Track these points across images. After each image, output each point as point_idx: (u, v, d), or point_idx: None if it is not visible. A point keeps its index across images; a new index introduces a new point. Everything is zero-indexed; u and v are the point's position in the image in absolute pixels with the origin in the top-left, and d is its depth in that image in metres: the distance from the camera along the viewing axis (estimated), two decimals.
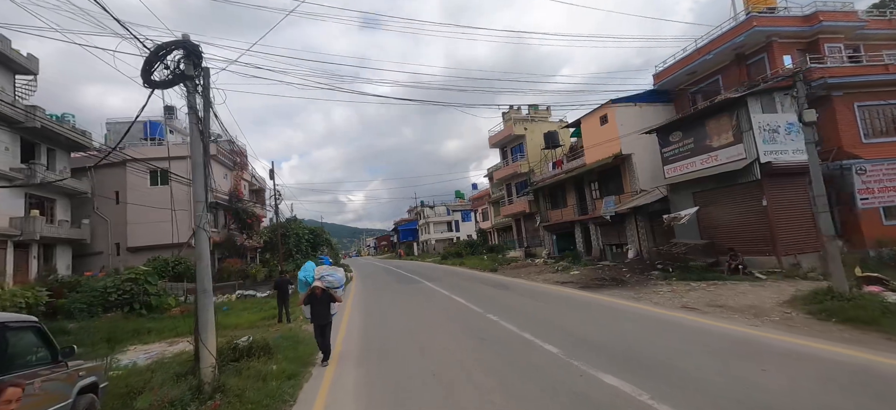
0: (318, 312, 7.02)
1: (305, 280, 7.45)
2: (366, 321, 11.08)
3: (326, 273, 7.35)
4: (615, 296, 11.19)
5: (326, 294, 7.03)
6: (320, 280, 7.09)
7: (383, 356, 7.25)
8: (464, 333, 8.43)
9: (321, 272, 7.32)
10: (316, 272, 7.38)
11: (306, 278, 7.42)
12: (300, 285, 7.68)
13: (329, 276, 7.29)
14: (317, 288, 6.97)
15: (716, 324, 7.45)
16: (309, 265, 7.76)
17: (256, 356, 7.88)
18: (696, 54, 16.82)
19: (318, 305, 6.99)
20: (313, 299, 7.00)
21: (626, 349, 6.26)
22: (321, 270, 7.47)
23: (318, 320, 7.05)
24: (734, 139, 12.49)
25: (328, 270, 7.47)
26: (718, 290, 10.45)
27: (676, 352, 5.95)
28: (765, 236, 12.05)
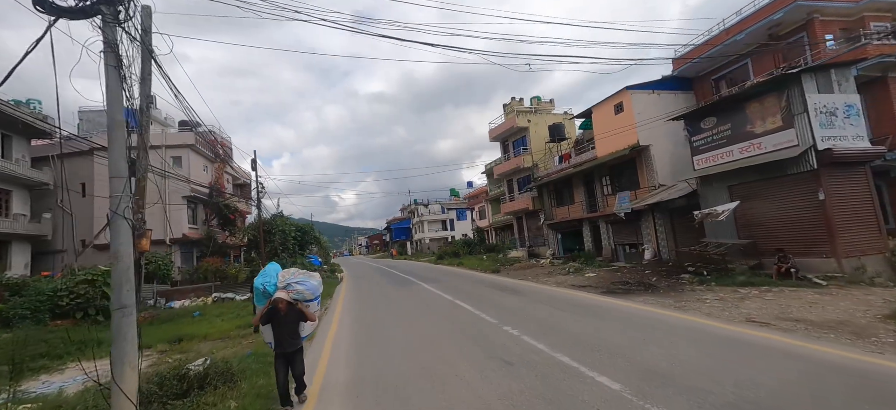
0: (282, 335, 4.96)
1: (263, 290, 5.14)
2: (357, 337, 9.22)
3: (294, 280, 5.10)
4: (651, 305, 9.51)
5: (294, 310, 5.00)
6: (285, 290, 5.01)
7: (383, 393, 5.42)
8: (483, 353, 6.65)
9: (286, 279, 5.12)
10: (280, 279, 5.17)
11: (265, 286, 5.16)
12: (257, 296, 5.30)
13: (298, 283, 5.08)
14: (280, 302, 4.91)
15: (810, 347, 5.77)
16: (270, 269, 5.43)
17: (213, 387, 6.01)
18: (722, 35, 15.26)
19: (283, 325, 4.95)
20: (275, 317, 4.96)
21: (715, 386, 4.53)
22: (287, 275, 5.21)
23: (283, 347, 4.95)
24: (784, 123, 10.89)
25: (297, 275, 5.23)
26: (778, 299, 8.82)
27: (789, 394, 4.24)
28: (820, 236, 10.46)
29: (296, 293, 5.00)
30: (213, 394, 5.82)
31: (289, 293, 4.95)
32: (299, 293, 5.03)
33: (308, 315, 5.11)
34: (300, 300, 5.05)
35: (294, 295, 4.98)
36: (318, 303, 5.44)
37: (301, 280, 5.11)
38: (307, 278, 5.19)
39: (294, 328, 5.01)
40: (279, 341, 4.95)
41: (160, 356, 9.34)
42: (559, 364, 5.84)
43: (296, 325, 5.03)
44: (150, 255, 19.19)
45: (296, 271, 5.34)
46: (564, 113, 29.05)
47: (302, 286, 5.08)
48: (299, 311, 5.02)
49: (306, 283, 5.13)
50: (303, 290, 5.06)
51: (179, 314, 14.53)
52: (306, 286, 5.12)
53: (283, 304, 4.89)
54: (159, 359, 8.95)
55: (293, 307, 4.99)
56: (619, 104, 18.39)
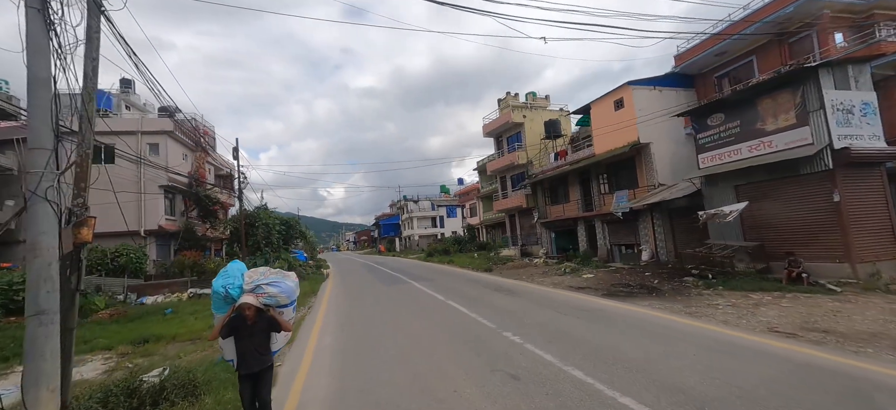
0: (247, 351, 3.85)
1: (224, 294, 4.00)
2: (343, 341, 8.40)
3: (265, 281, 4.02)
4: (659, 310, 8.88)
5: (264, 319, 3.94)
6: (252, 293, 3.91)
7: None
8: (483, 364, 5.89)
9: (255, 280, 4.02)
10: (246, 280, 4.05)
11: (226, 288, 4.01)
12: (216, 302, 4.13)
13: (270, 285, 4.00)
14: (246, 308, 3.82)
15: (849, 363, 5.17)
16: (233, 268, 4.24)
17: (169, 404, 5.13)
18: (729, 30, 14.74)
19: (250, 338, 3.86)
20: (240, 328, 3.86)
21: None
22: (255, 276, 4.10)
23: (248, 366, 3.86)
24: (798, 121, 10.36)
25: (268, 275, 4.14)
26: (796, 306, 8.26)
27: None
28: (833, 239, 9.98)
29: (267, 297, 3.96)
30: None
31: (258, 298, 3.91)
32: (271, 297, 3.98)
33: (282, 325, 4.02)
34: (272, 306, 4.01)
35: (265, 300, 3.94)
36: (295, 309, 4.45)
37: (274, 281, 4.05)
38: (281, 278, 4.15)
39: (263, 341, 3.95)
40: (244, 358, 3.87)
41: (120, 359, 8.38)
42: (573, 380, 5.12)
43: (266, 337, 3.98)
44: (123, 247, 17.99)
45: (266, 270, 4.25)
46: (560, 109, 28.47)
47: (275, 288, 4.01)
48: (271, 319, 3.96)
49: (280, 284, 4.07)
50: (276, 293, 4.00)
51: (150, 310, 13.45)
52: (280, 288, 4.05)
53: (251, 311, 3.84)
54: (118, 364, 8.00)
55: (263, 314, 3.94)
56: (620, 100, 17.81)
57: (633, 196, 17.66)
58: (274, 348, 4.15)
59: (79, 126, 5.56)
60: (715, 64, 16.30)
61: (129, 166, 20.49)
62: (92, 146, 5.73)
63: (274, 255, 21.85)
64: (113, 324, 11.57)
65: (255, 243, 21.61)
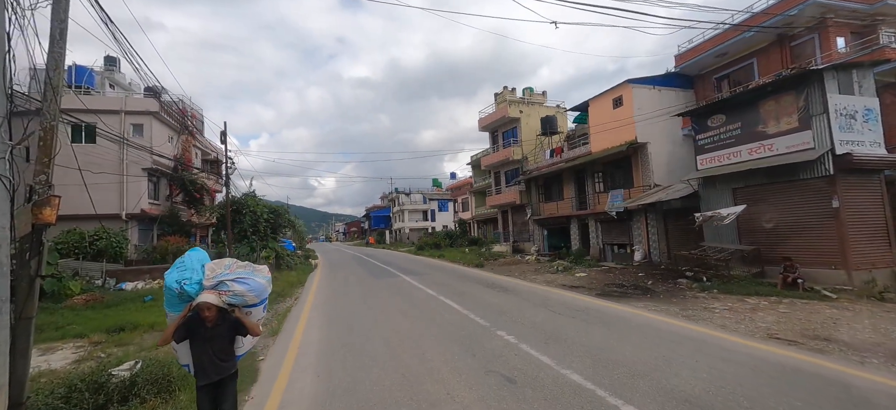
0: (206, 358, 3.24)
1: (179, 290, 3.26)
2: (332, 335, 8.07)
3: (230, 276, 3.33)
4: (655, 312, 8.71)
5: (228, 321, 3.29)
6: (213, 291, 3.23)
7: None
8: (477, 366, 5.61)
9: (218, 274, 3.33)
10: (208, 273, 3.36)
11: (182, 284, 3.27)
12: (169, 299, 3.39)
13: (236, 281, 3.31)
14: (206, 308, 3.15)
15: (857, 374, 5.01)
16: (192, 259, 3.50)
17: (140, 400, 4.75)
18: (731, 32, 14.59)
19: (209, 343, 3.23)
20: (198, 331, 3.22)
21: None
22: (218, 269, 3.40)
23: (207, 375, 3.25)
24: (800, 124, 10.24)
25: (235, 269, 3.44)
26: (794, 312, 8.15)
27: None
28: (830, 245, 9.91)
29: (232, 296, 3.26)
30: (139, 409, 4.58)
31: (221, 296, 3.23)
32: (238, 295, 3.28)
33: (249, 328, 3.33)
34: (238, 306, 3.33)
35: (229, 299, 3.26)
36: (265, 308, 3.73)
37: (241, 277, 3.35)
38: (250, 273, 3.45)
39: (225, 346, 3.31)
40: (202, 366, 3.24)
41: (93, 348, 7.92)
42: (572, 385, 4.86)
43: (229, 342, 3.34)
44: (102, 230, 17.31)
45: (232, 262, 3.52)
46: (557, 106, 28.23)
47: (242, 284, 3.30)
48: (236, 322, 3.29)
49: (248, 281, 3.35)
50: (243, 291, 3.29)
51: (129, 297, 12.92)
52: (248, 285, 3.33)
53: (212, 312, 3.16)
54: (90, 353, 7.54)
55: (227, 315, 3.27)
56: (619, 98, 17.61)
57: (629, 196, 17.53)
58: (240, 352, 3.54)
59: (43, 94, 5.08)
60: (715, 65, 16.17)
61: (110, 147, 19.71)
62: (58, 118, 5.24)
63: (261, 243, 21.29)
64: (88, 310, 11.04)
65: (242, 231, 21.01)
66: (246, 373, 5.81)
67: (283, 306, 11.76)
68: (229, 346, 3.37)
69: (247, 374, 5.80)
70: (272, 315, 10.41)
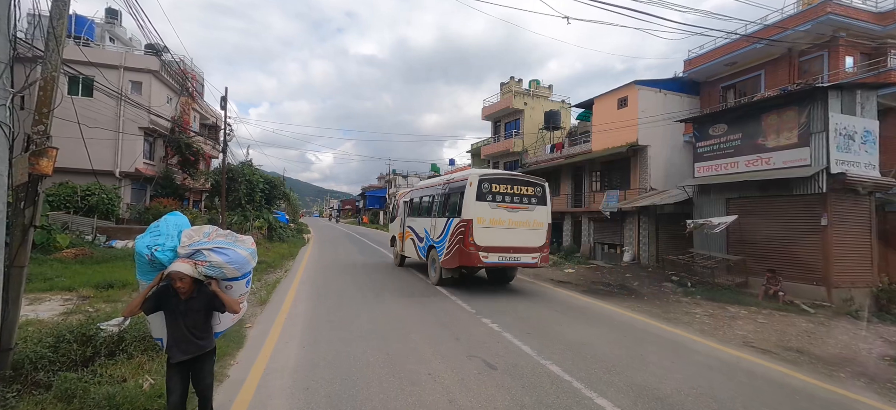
0: (179, 333, 2.95)
1: (150, 256, 2.96)
2: (319, 310, 8.20)
3: (208, 245, 3.03)
4: (638, 312, 8.90)
5: (205, 295, 3.00)
6: (189, 260, 2.93)
7: (341, 390, 4.41)
8: (460, 349, 5.74)
9: (196, 242, 3.04)
10: (184, 241, 3.07)
11: (153, 250, 2.98)
12: (140, 265, 3.09)
13: (215, 251, 3.01)
14: (178, 278, 2.83)
15: (822, 386, 5.19)
16: (168, 224, 3.20)
17: (127, 356, 4.83)
18: (743, 42, 14.53)
19: (183, 317, 2.94)
20: (170, 303, 2.92)
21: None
22: (196, 236, 3.11)
23: (180, 351, 2.96)
24: (799, 141, 10.31)
25: (215, 237, 3.16)
26: (772, 323, 8.36)
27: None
28: (815, 261, 10.11)
29: (209, 267, 2.95)
30: (125, 365, 4.66)
31: (197, 266, 2.91)
32: (215, 267, 2.96)
33: (227, 304, 3.02)
34: (216, 278, 3.03)
35: (205, 270, 2.95)
36: (249, 283, 3.37)
37: (220, 247, 3.02)
38: (232, 244, 3.12)
39: (201, 321, 3.02)
40: (175, 341, 2.94)
41: (81, 302, 7.99)
42: (550, 375, 5.00)
43: (205, 317, 3.05)
44: (95, 185, 17.22)
45: (213, 230, 3.24)
46: (562, 101, 28.10)
47: (220, 255, 2.98)
48: (213, 296, 2.99)
49: (227, 252, 3.02)
50: (221, 263, 2.96)
51: (119, 254, 12.94)
52: (227, 256, 3.00)
53: (185, 284, 2.84)
54: (78, 307, 7.61)
55: (204, 288, 2.99)
56: (624, 98, 17.57)
57: (624, 197, 17.65)
58: (218, 329, 3.28)
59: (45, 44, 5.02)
60: (723, 74, 16.14)
61: (107, 102, 19.43)
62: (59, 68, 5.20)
63: (255, 213, 21.30)
64: (77, 264, 11.08)
65: (237, 199, 21.00)
66: (233, 339, 5.92)
67: (273, 277, 11.85)
68: (206, 322, 3.08)
69: (234, 340, 5.90)
70: (261, 286, 10.51)
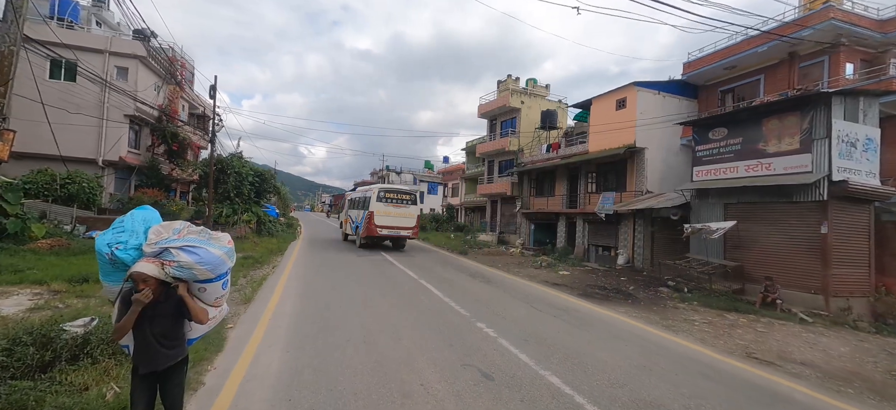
0: (145, 340, 2.62)
1: (110, 254, 2.65)
2: (306, 310, 7.83)
3: (177, 243, 2.64)
4: (636, 319, 8.67)
5: (173, 299, 2.67)
6: (155, 259, 2.58)
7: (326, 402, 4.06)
8: (455, 357, 5.42)
9: (163, 239, 2.67)
10: (152, 238, 2.69)
11: (113, 247, 2.66)
12: (102, 266, 2.78)
13: (185, 250, 2.63)
14: (140, 279, 2.48)
15: (834, 404, 4.97)
16: (134, 219, 2.87)
17: (91, 360, 4.42)
18: (744, 45, 14.40)
19: (147, 323, 2.59)
20: (132, 301, 2.49)
21: None
22: (165, 233, 2.72)
23: (148, 361, 2.65)
24: (801, 147, 10.17)
25: (186, 234, 2.78)
26: (772, 332, 8.18)
27: None
28: (813, 269, 9.99)
29: (178, 268, 2.59)
30: (88, 371, 4.24)
31: (165, 266, 2.58)
32: (184, 268, 2.61)
33: (192, 312, 2.64)
34: (186, 280, 2.67)
35: (174, 271, 2.59)
36: (226, 286, 3.00)
37: (191, 245, 2.67)
38: (205, 242, 2.76)
39: (171, 328, 2.69)
40: (142, 349, 2.63)
41: (51, 297, 7.51)
42: (550, 387, 4.71)
43: (175, 323, 2.71)
44: (75, 173, 16.56)
45: (185, 226, 2.86)
46: (559, 101, 27.90)
47: (190, 255, 2.62)
48: (180, 301, 2.64)
49: (198, 251, 2.66)
50: (191, 263, 2.61)
51: None
52: (198, 256, 2.64)
53: (151, 286, 2.50)
54: (47, 302, 7.13)
55: (171, 292, 2.65)
56: (623, 100, 17.38)
57: (620, 199, 17.48)
58: (192, 335, 2.92)
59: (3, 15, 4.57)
60: (722, 77, 16.01)
61: (91, 88, 18.74)
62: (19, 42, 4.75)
63: (243, 207, 20.73)
64: (52, 256, 10.53)
65: (225, 191, 20.40)
66: (212, 341, 5.53)
67: (260, 273, 11.42)
68: (176, 328, 2.73)
69: (213, 342, 5.51)
70: (247, 282, 10.08)
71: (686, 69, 16.55)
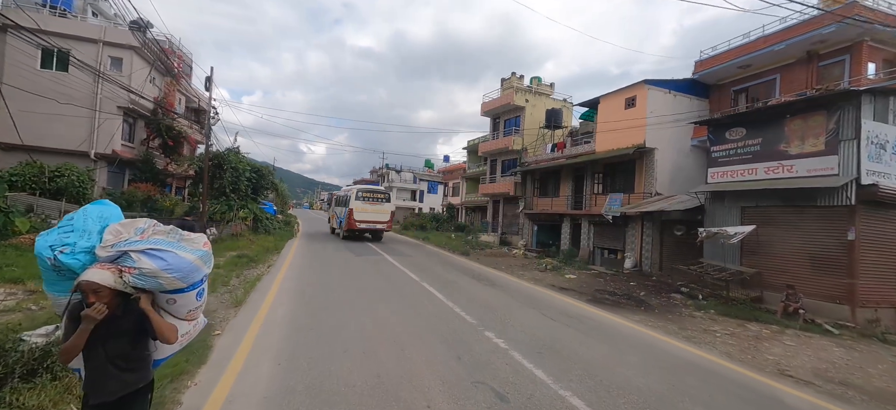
0: (99, 364, 2.09)
1: (53, 259, 2.10)
2: (301, 315, 7.28)
3: (139, 244, 2.13)
4: (653, 328, 8.14)
5: (132, 313, 2.12)
6: (111, 265, 2.08)
7: None
8: (464, 372, 4.88)
9: (122, 240, 2.14)
10: (107, 237, 2.12)
11: (56, 249, 2.11)
12: (46, 275, 2.21)
13: (147, 253, 2.11)
14: (90, 289, 1.98)
15: None
16: (85, 216, 2.28)
17: (51, 376, 3.86)
18: (760, 43, 13.85)
19: (101, 342, 2.06)
20: (81, 317, 1.96)
21: None
22: (125, 232, 2.19)
23: (101, 389, 2.11)
24: (826, 148, 9.64)
25: (149, 235, 2.24)
26: (803, 346, 7.64)
27: None
28: (838, 278, 9.45)
29: (140, 275, 2.11)
30: (47, 388, 3.69)
31: (123, 273, 2.09)
32: (147, 275, 2.11)
33: (157, 328, 2.13)
34: (149, 290, 2.17)
35: (135, 279, 2.10)
36: (202, 296, 2.46)
37: (156, 248, 2.17)
38: (172, 244, 2.26)
39: (129, 350, 2.18)
40: (94, 374, 2.13)
41: (26, 297, 7.00)
42: (567, 406, 4.17)
43: (136, 342, 2.21)
44: (63, 166, 15.97)
45: (150, 225, 2.37)
46: (564, 100, 27.35)
47: (155, 260, 2.13)
48: (143, 315, 2.12)
49: (165, 255, 2.16)
50: (156, 269, 2.12)
51: None
52: (164, 261, 2.14)
53: (105, 298, 2.01)
54: (19, 303, 6.63)
55: (131, 305, 2.14)
56: (632, 98, 16.83)
57: (628, 201, 16.95)
58: (159, 356, 2.43)
59: None
60: (736, 77, 15.47)
61: (84, 78, 18.17)
62: None
63: (240, 203, 20.15)
64: (30, 252, 9.96)
65: (221, 187, 19.82)
66: (195, 351, 4.98)
67: (254, 273, 10.87)
68: (136, 349, 2.22)
69: (196, 352, 4.97)
70: (240, 283, 9.54)
71: (697, 68, 16.01)
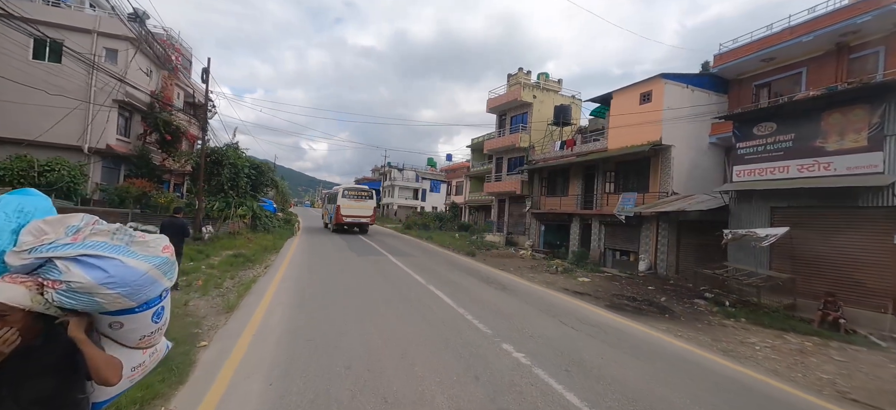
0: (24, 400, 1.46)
1: None
2: (298, 323, 6.58)
3: (68, 248, 1.54)
4: (683, 339, 7.43)
5: (58, 341, 1.54)
6: (25, 277, 1.51)
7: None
8: (483, 394, 4.17)
9: (45, 243, 1.51)
10: (25, 239, 1.51)
11: None
12: None
13: (78, 261, 1.52)
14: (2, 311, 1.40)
15: None
16: (7, 203, 1.62)
17: None
18: (786, 34, 13.08)
19: (7, 386, 1.44)
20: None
21: None
22: (50, 231, 1.56)
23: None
24: (870, 144, 8.90)
25: (87, 235, 1.62)
26: (850, 360, 6.91)
27: None
28: (883, 286, 8.71)
29: (68, 291, 1.51)
30: None
31: (44, 288, 1.51)
32: (79, 290, 1.51)
33: (92, 365, 1.52)
34: (83, 310, 1.57)
35: (61, 295, 1.51)
36: (161, 316, 1.85)
37: (92, 254, 1.56)
38: (120, 248, 1.64)
39: (50, 392, 1.52)
40: None
41: None
42: None
43: (57, 385, 1.55)
44: (54, 160, 15.33)
45: (88, 222, 1.71)
46: (573, 96, 26.57)
47: (90, 270, 1.52)
48: (71, 347, 1.52)
49: (108, 263, 1.55)
50: (91, 283, 1.51)
51: None
52: (104, 271, 1.54)
53: (14, 322, 1.42)
54: None
55: (56, 332, 1.56)
56: (648, 93, 16.07)
57: (642, 201, 16.21)
58: (98, 399, 1.80)
59: None
60: (758, 70, 14.70)
61: (78, 70, 17.52)
62: None
63: (238, 200, 19.49)
64: None
65: (219, 183, 19.17)
66: (175, 367, 4.31)
67: (250, 274, 10.19)
68: (63, 392, 1.58)
69: (175, 369, 4.29)
70: (234, 285, 8.86)
71: (717, 61, 15.24)
